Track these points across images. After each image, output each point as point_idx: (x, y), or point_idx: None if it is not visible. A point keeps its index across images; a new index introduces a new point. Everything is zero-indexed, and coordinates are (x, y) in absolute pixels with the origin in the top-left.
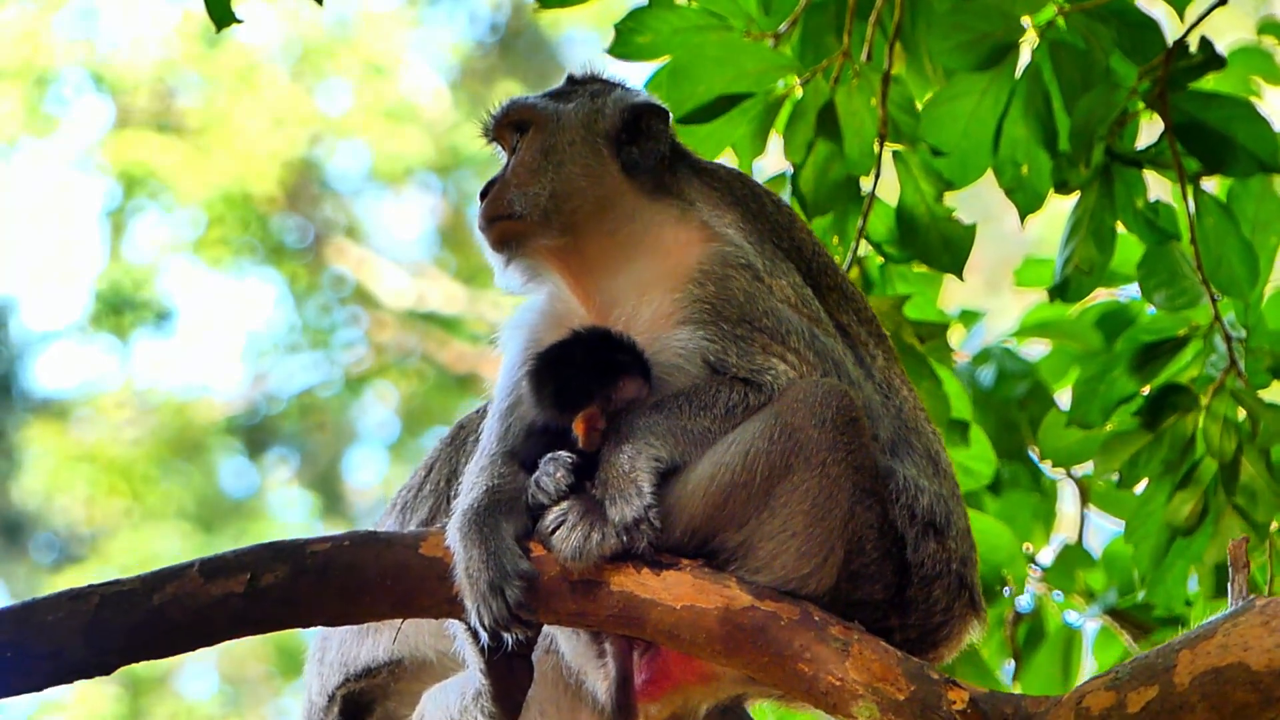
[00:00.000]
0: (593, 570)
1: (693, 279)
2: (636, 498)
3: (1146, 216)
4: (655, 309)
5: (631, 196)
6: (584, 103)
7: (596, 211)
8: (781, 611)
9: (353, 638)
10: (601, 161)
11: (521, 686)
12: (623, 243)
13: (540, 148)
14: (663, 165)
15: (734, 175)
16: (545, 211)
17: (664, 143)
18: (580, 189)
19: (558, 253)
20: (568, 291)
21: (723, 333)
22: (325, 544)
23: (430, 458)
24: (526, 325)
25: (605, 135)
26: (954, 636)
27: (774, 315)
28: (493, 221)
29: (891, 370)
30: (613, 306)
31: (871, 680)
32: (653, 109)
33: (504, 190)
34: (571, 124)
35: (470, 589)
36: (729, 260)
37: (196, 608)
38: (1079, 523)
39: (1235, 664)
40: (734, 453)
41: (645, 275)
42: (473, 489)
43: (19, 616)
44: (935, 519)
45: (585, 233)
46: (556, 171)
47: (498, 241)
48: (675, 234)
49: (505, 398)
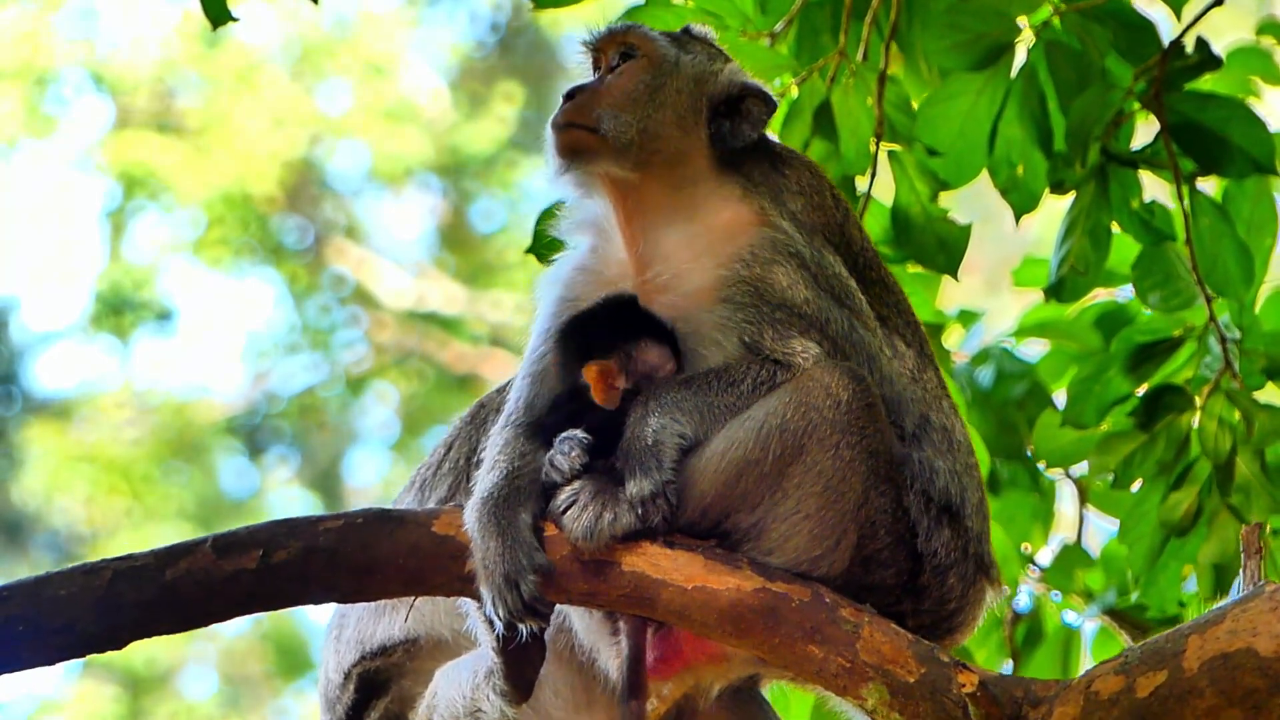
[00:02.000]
0: (604, 550)
1: (741, 259)
2: (656, 471)
3: (1142, 217)
4: (700, 280)
5: (705, 164)
6: (702, 60)
7: (670, 162)
8: (793, 593)
9: (369, 616)
10: (697, 120)
11: (534, 665)
12: (683, 202)
13: (647, 81)
14: (745, 147)
15: (804, 166)
16: (628, 141)
17: (758, 131)
18: (668, 135)
19: (619, 185)
20: (615, 226)
21: (761, 315)
22: (338, 521)
23: (450, 436)
24: (562, 281)
25: (710, 99)
26: (969, 621)
27: (814, 304)
28: (570, 126)
29: (923, 355)
30: (655, 260)
31: (881, 663)
32: (762, 96)
33: (594, 102)
34: (686, 73)
35: (486, 580)
36: (778, 246)
37: (209, 583)
38: (1078, 523)
39: (1244, 649)
40: (747, 429)
41: (696, 242)
42: (493, 468)
43: (31, 591)
44: (950, 500)
45: (652, 177)
46: (656, 110)
47: (567, 148)
48: (734, 212)
49: (534, 358)
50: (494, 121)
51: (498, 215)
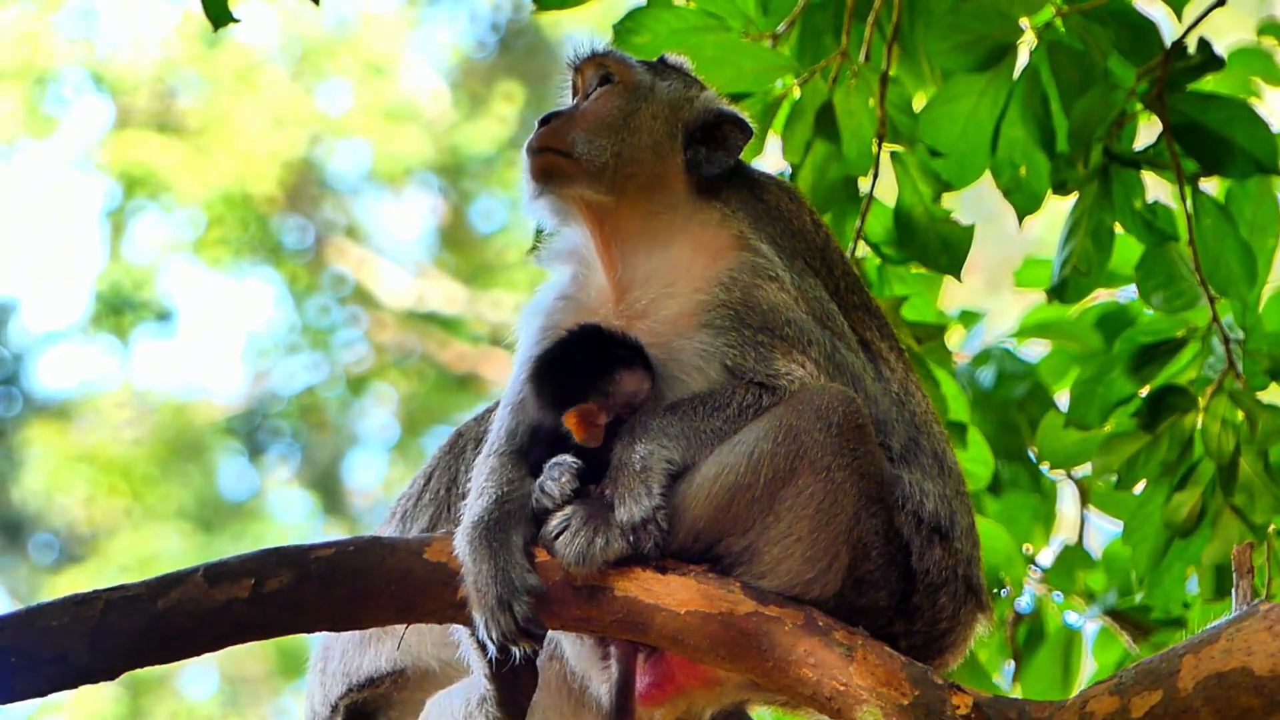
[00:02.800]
0: (596, 576)
1: (721, 284)
2: (645, 498)
3: (1145, 217)
4: (680, 306)
5: (683, 190)
6: (677, 87)
7: (647, 187)
8: (786, 616)
9: (355, 648)
10: (672, 146)
11: (526, 692)
12: (661, 228)
13: (622, 106)
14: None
15: (783, 191)
16: (602, 165)
17: (734, 157)
18: (643, 160)
19: (595, 210)
20: (594, 252)
21: (743, 339)
22: (329, 549)
23: (429, 466)
24: (544, 310)
25: (685, 125)
26: (960, 642)
27: (796, 326)
28: (544, 151)
29: (909, 380)
30: (635, 284)
31: (875, 685)
32: (738, 123)
33: (569, 127)
34: (661, 99)
35: (479, 603)
36: (758, 270)
37: (201, 613)
38: (1079, 524)
39: (1239, 669)
40: (738, 453)
41: (675, 267)
42: (481, 495)
43: (23, 621)
44: (940, 522)
45: (629, 202)
46: (631, 135)
47: (541, 171)
48: (713, 236)
49: (517, 389)
50: (494, 121)
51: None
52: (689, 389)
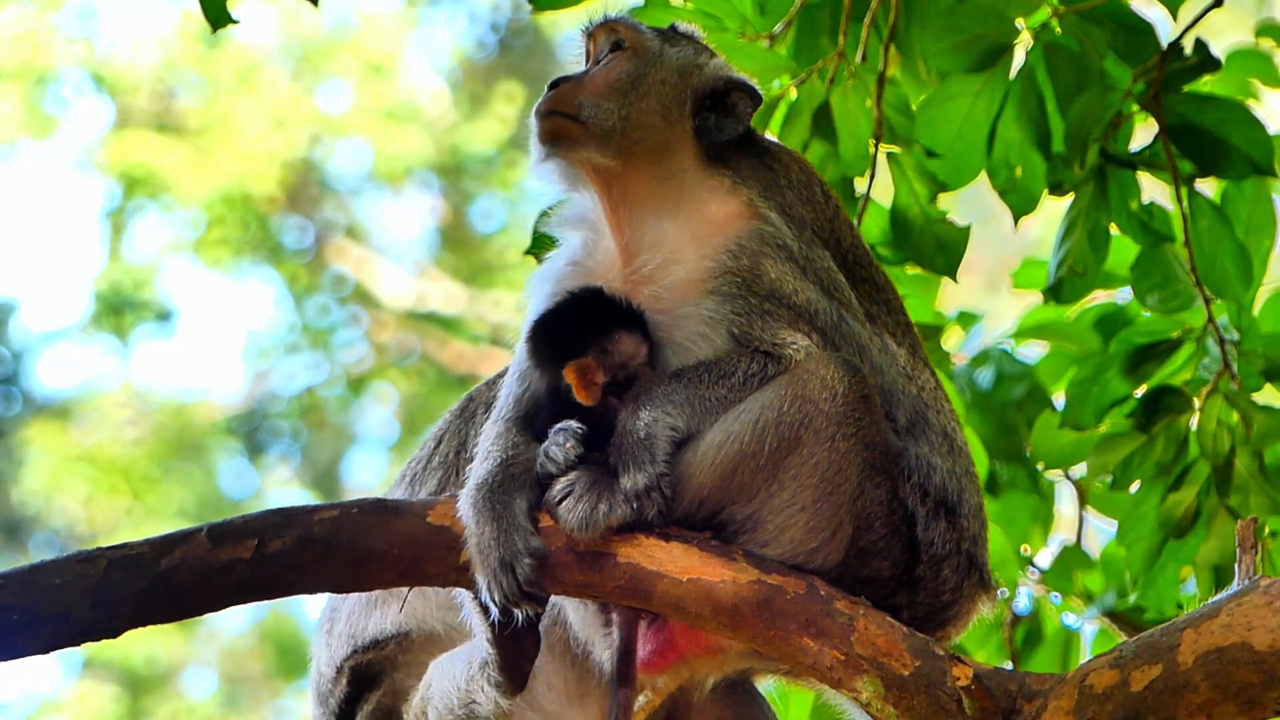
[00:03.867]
0: (599, 541)
1: (728, 250)
2: (649, 464)
3: (1140, 218)
4: (687, 271)
5: (692, 156)
6: (687, 53)
7: (654, 152)
8: (787, 585)
9: (360, 610)
10: (680, 112)
11: (528, 656)
12: (670, 193)
13: (631, 71)
14: (730, 141)
15: (793, 161)
16: (610, 129)
17: (743, 124)
18: (651, 125)
19: (604, 174)
20: (602, 218)
21: (750, 306)
22: (333, 511)
23: (439, 429)
24: (553, 276)
25: (694, 92)
26: (963, 615)
27: (802, 295)
28: (552, 114)
29: (915, 355)
30: (643, 249)
31: (876, 655)
32: (747, 90)
33: (577, 90)
34: (670, 65)
35: (481, 565)
36: (766, 238)
37: (204, 572)
38: (1077, 524)
39: (1239, 644)
40: (743, 422)
41: (683, 233)
42: (486, 458)
43: (26, 579)
44: (947, 497)
45: (636, 166)
46: (639, 100)
47: (548, 134)
48: (721, 203)
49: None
50: (494, 121)
51: (498, 215)
52: (694, 356)
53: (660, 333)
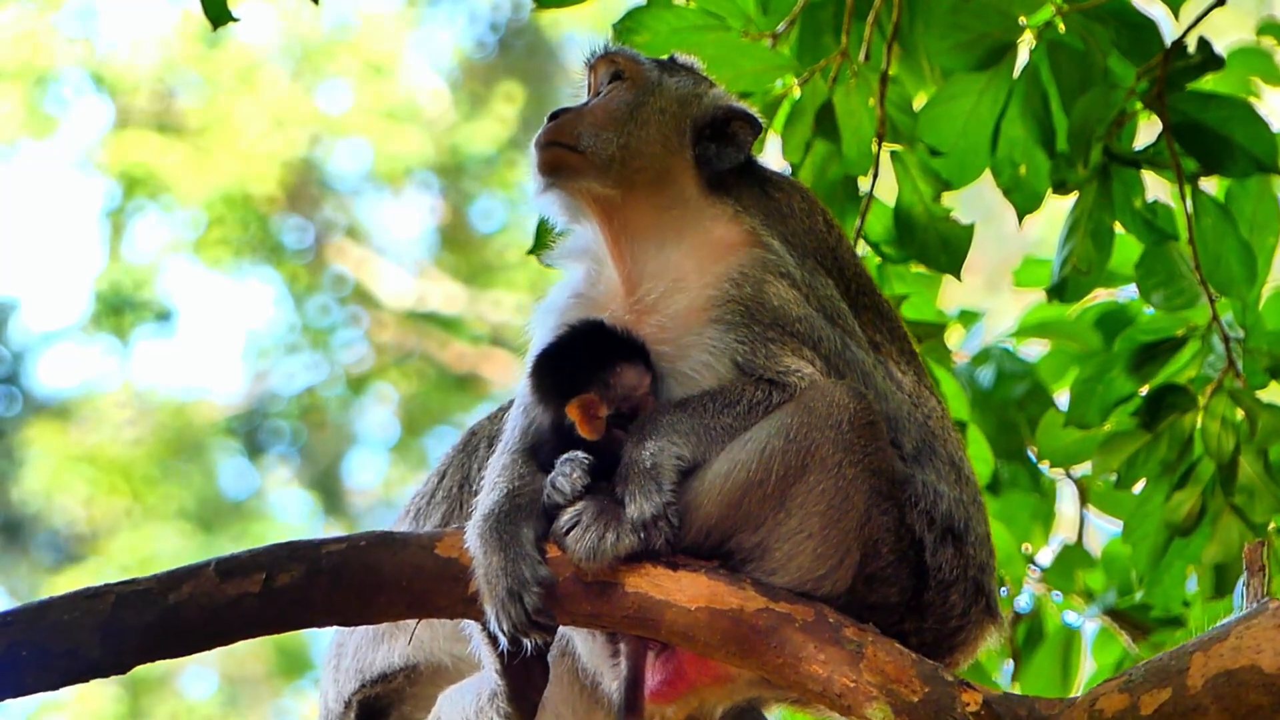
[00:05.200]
0: (607, 571)
1: (731, 279)
2: (656, 494)
3: (1145, 217)
4: (690, 300)
5: (693, 185)
6: (686, 83)
7: (655, 182)
8: (796, 613)
9: (368, 644)
10: (680, 141)
11: (537, 687)
12: (671, 223)
13: (630, 101)
14: (731, 170)
15: (795, 189)
16: (609, 159)
17: (744, 153)
18: (651, 154)
19: (603, 203)
20: (604, 249)
21: (754, 335)
22: (341, 544)
23: (442, 464)
24: (557, 308)
25: (693, 121)
26: (970, 642)
27: (807, 323)
28: (551, 145)
29: (921, 383)
30: (645, 278)
31: (885, 682)
32: (747, 119)
33: (577, 121)
34: (669, 95)
35: (490, 595)
36: (769, 267)
37: (212, 608)
38: (1078, 523)
39: (1248, 666)
40: (750, 450)
41: (686, 262)
42: (493, 489)
43: (34, 615)
44: (954, 525)
45: (636, 196)
46: (638, 128)
47: (547, 165)
48: (724, 232)
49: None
50: (494, 121)
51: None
52: (698, 385)
53: (664, 362)
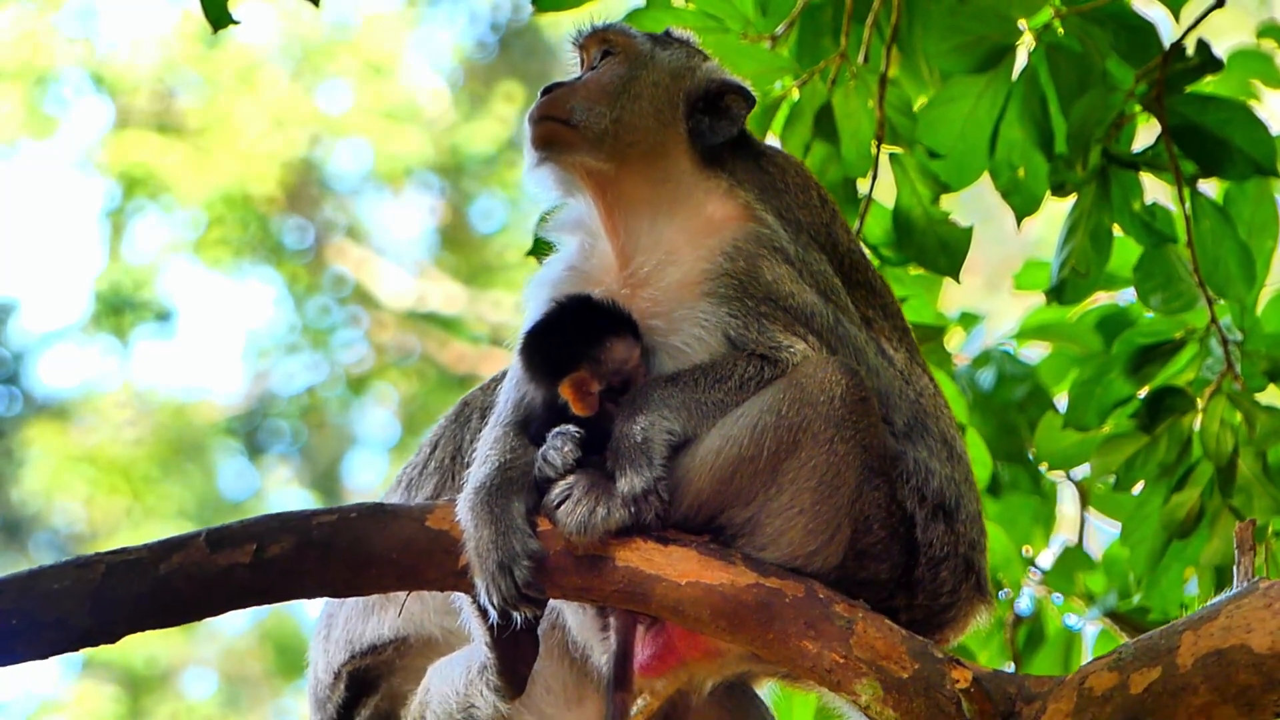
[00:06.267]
0: (598, 545)
1: (725, 253)
2: (646, 469)
3: (1143, 219)
4: (683, 274)
5: (687, 159)
6: (679, 56)
7: (648, 155)
8: (786, 588)
9: (358, 615)
10: (674, 115)
11: (527, 660)
12: (665, 196)
13: (623, 75)
14: (726, 144)
15: (790, 164)
16: (602, 132)
17: (737, 126)
18: (644, 127)
19: (598, 178)
20: (598, 222)
21: (746, 309)
22: (332, 516)
23: (435, 434)
24: (551, 281)
25: (686, 94)
26: (960, 619)
27: (799, 298)
28: (545, 119)
29: (913, 360)
30: (639, 251)
31: (875, 658)
32: (741, 92)
33: (570, 96)
34: (662, 68)
35: (480, 567)
36: (763, 241)
37: (202, 578)
38: (1079, 525)
39: (1238, 646)
40: (742, 426)
41: (679, 236)
42: (485, 462)
43: (24, 584)
44: (945, 501)
45: (630, 169)
46: (630, 103)
47: (541, 139)
48: (718, 206)
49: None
50: (494, 121)
51: (498, 215)
52: (691, 359)
53: (657, 336)
